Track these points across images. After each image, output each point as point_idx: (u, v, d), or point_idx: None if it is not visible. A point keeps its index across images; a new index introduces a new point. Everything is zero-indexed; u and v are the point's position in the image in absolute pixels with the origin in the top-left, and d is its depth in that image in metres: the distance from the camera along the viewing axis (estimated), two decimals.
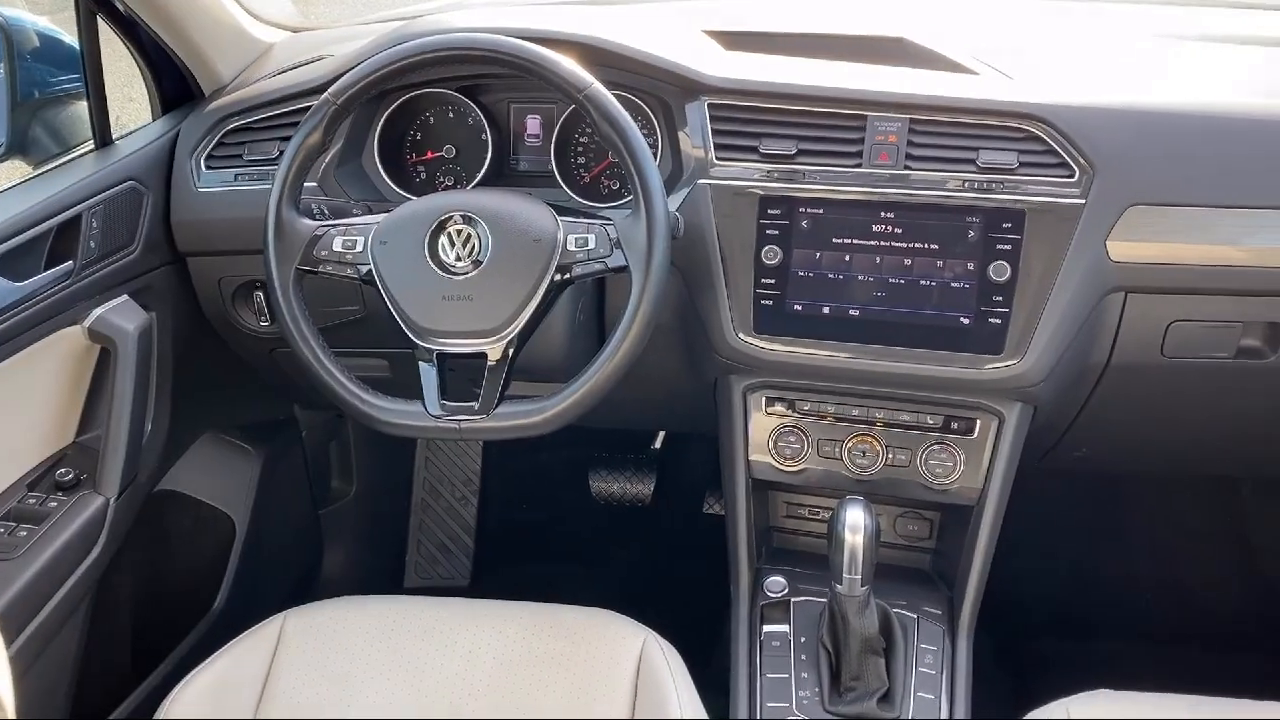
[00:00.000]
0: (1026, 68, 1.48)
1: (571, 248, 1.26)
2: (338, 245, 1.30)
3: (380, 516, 2.36)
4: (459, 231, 1.27)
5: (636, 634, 1.31)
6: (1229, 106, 1.39)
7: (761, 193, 1.39)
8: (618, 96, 1.32)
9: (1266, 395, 1.50)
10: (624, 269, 1.25)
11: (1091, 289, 1.34)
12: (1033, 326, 1.34)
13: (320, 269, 1.31)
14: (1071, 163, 1.33)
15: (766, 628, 1.46)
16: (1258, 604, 2.23)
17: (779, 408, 1.50)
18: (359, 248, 1.30)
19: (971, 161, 1.34)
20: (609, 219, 1.28)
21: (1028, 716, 1.25)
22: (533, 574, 2.28)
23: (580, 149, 1.55)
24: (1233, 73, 1.58)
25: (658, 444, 2.34)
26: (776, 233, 1.39)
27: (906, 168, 1.36)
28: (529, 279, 1.25)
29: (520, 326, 1.25)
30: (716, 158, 1.40)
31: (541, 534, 2.43)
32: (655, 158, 1.45)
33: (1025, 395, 1.40)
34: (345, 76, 1.31)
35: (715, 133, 1.41)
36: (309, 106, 1.36)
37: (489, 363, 1.26)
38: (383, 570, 2.35)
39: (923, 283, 1.37)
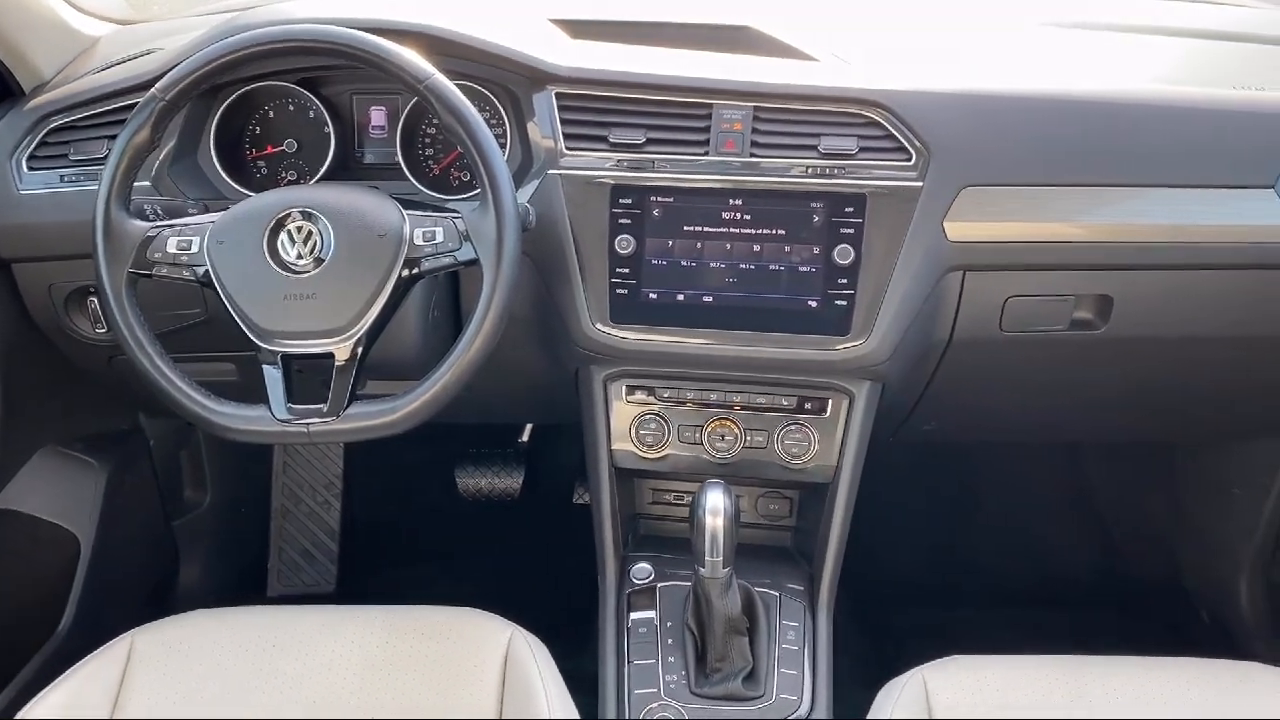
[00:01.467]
0: (866, 54, 1.52)
1: (419, 242, 1.24)
2: (172, 246, 1.25)
3: (239, 525, 2.29)
4: (299, 228, 1.23)
5: (502, 630, 1.30)
6: (1057, 90, 1.44)
7: (612, 182, 1.39)
8: (463, 87, 1.31)
9: (1100, 365, 1.58)
10: (474, 262, 1.24)
11: (931, 269, 1.39)
12: (877, 307, 1.38)
13: (154, 272, 1.26)
14: (908, 147, 1.37)
15: (633, 615, 1.47)
16: (1103, 563, 2.35)
17: (639, 395, 1.51)
18: (194, 248, 1.25)
19: (814, 148, 1.37)
20: (457, 211, 1.26)
21: (886, 686, 1.29)
22: (400, 575, 2.24)
23: (428, 140, 1.53)
24: (1085, 59, 1.65)
25: (525, 437, 2.32)
26: (629, 222, 1.39)
27: (752, 155, 1.38)
28: (375, 275, 1.22)
29: (368, 324, 1.22)
30: (566, 148, 1.40)
31: (408, 534, 2.39)
32: (504, 149, 1.45)
33: (873, 374, 1.44)
34: (174, 71, 1.26)
35: (564, 122, 1.41)
36: (137, 103, 1.30)
37: (337, 363, 1.23)
38: (244, 580, 2.28)
39: (772, 268, 1.39)
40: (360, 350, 1.23)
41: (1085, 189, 1.41)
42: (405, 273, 1.23)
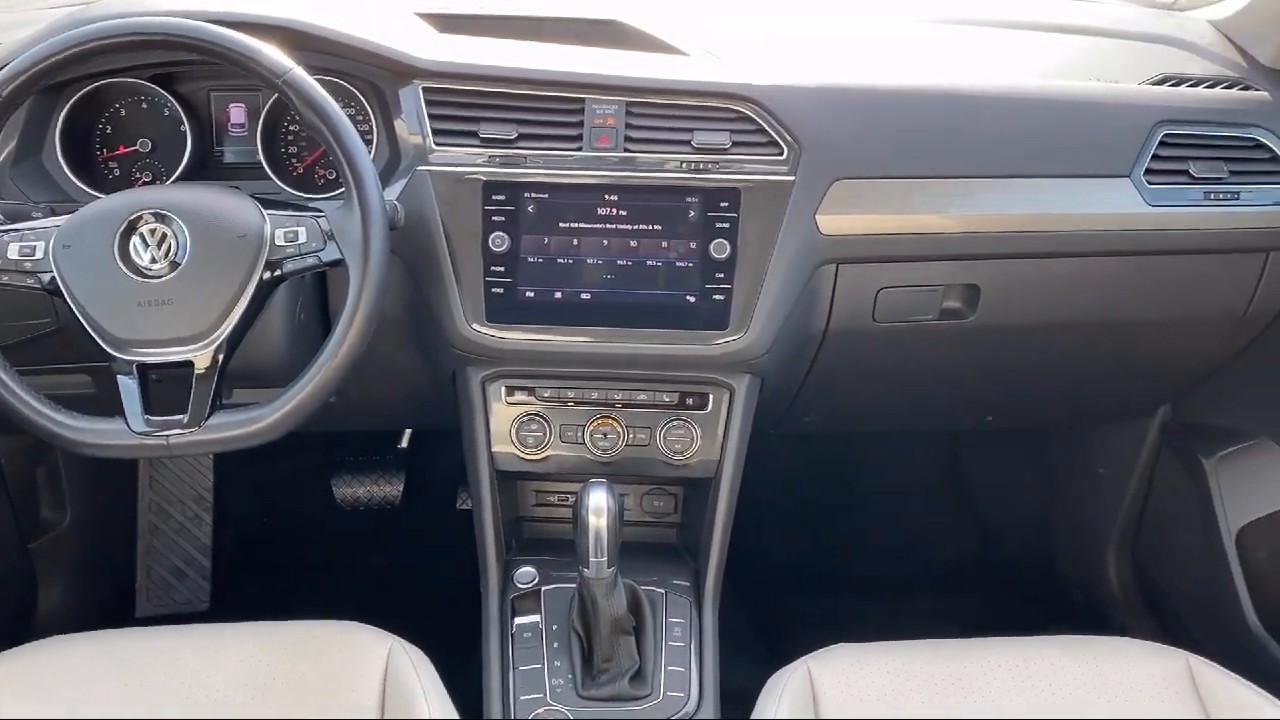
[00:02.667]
0: (736, 49, 1.53)
1: (280, 242, 1.19)
2: (13, 252, 1.18)
3: (103, 544, 2.18)
4: (152, 231, 1.17)
5: (381, 643, 1.27)
6: (925, 84, 1.47)
7: (484, 178, 1.36)
8: (326, 82, 1.26)
9: (969, 352, 1.62)
10: (339, 262, 1.20)
11: (805, 262, 1.40)
12: (754, 301, 1.38)
13: None
14: (780, 141, 1.37)
15: (518, 620, 1.44)
16: (981, 547, 2.41)
17: (519, 396, 1.49)
18: (39, 254, 1.18)
19: (687, 143, 1.37)
20: (320, 210, 1.22)
21: (772, 677, 1.29)
22: (278, 590, 2.16)
23: (290, 138, 1.48)
24: (959, 54, 1.68)
25: (404, 443, 2.27)
26: (503, 219, 1.37)
27: (626, 150, 1.37)
28: (234, 278, 1.17)
29: (229, 330, 1.17)
30: (435, 143, 1.36)
31: (285, 547, 2.31)
32: (370, 146, 1.41)
33: (752, 367, 1.45)
34: (11, 65, 1.18)
35: (432, 118, 1.37)
36: None
37: (197, 371, 1.17)
38: (111, 602, 2.17)
39: (649, 263, 1.38)
40: (221, 357, 1.18)
41: (952, 181, 1.44)
42: (267, 275, 1.18)
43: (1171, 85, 1.54)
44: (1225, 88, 1.54)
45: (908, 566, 2.34)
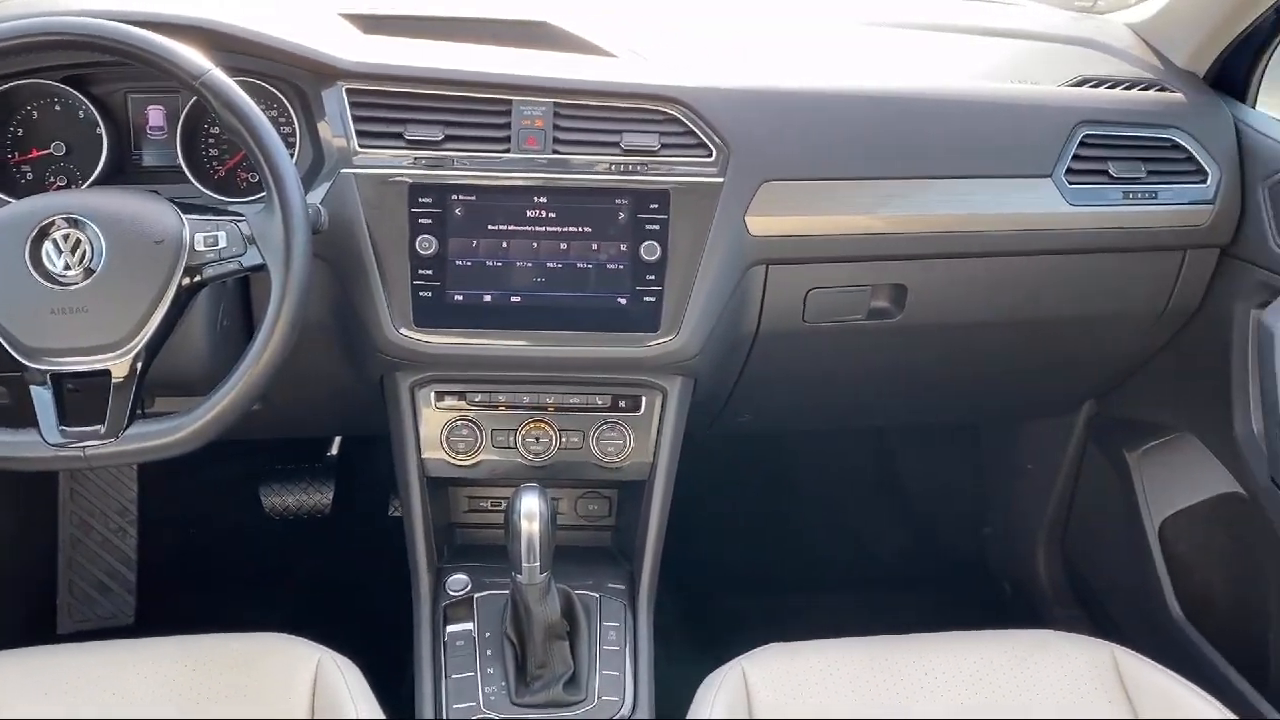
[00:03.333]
0: (665, 51, 1.53)
1: (200, 247, 1.16)
2: None
3: (21, 559, 2.11)
4: (66, 236, 1.14)
5: (310, 655, 1.24)
6: (851, 87, 1.48)
7: (410, 181, 1.34)
8: (247, 84, 1.24)
9: (898, 351, 1.64)
10: (261, 267, 1.17)
11: (736, 263, 1.40)
12: (685, 302, 1.38)
13: None
14: (708, 143, 1.37)
15: (450, 628, 1.42)
16: (914, 543, 2.44)
17: (449, 401, 1.47)
18: None
19: (616, 144, 1.36)
20: (241, 215, 1.19)
21: (707, 678, 1.29)
22: (206, 602, 2.11)
23: (211, 141, 1.44)
24: (891, 56, 1.69)
25: (334, 450, 2.24)
26: (430, 222, 1.35)
27: (555, 152, 1.36)
28: (152, 285, 1.14)
29: (147, 338, 1.14)
30: (359, 146, 1.34)
31: (212, 558, 2.26)
32: (293, 148, 1.38)
33: (684, 369, 1.44)
34: None
35: (356, 119, 1.35)
36: None
37: (114, 380, 1.14)
38: (30, 619, 2.11)
39: (580, 265, 1.37)
40: (140, 366, 1.15)
41: (879, 182, 1.46)
42: (186, 281, 1.16)
43: (1091, 87, 1.57)
44: (1142, 89, 1.57)
45: (843, 564, 2.36)
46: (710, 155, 1.37)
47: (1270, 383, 1.42)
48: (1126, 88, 1.57)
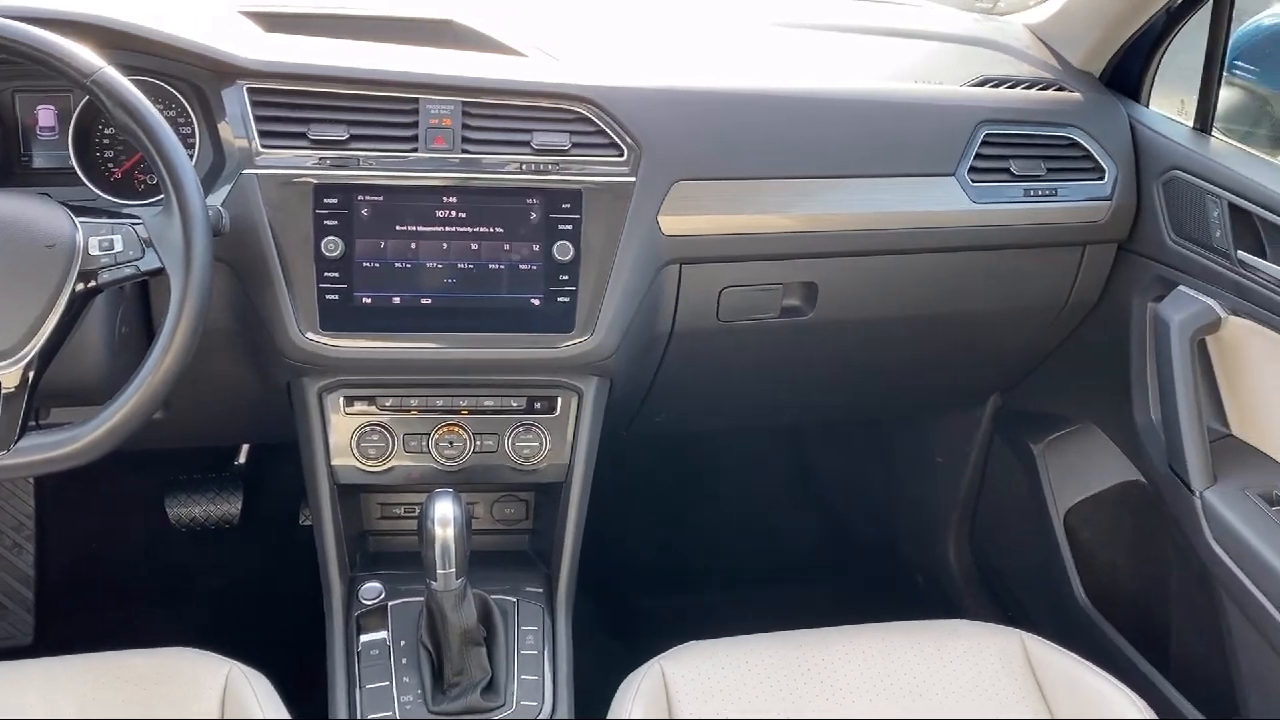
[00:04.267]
0: (575, 50, 1.52)
1: (94, 252, 1.12)
2: None
3: None
4: None
5: (218, 669, 1.21)
6: (761, 87, 1.49)
7: (315, 181, 1.31)
8: (143, 83, 1.20)
9: (810, 349, 1.65)
10: (160, 271, 1.13)
11: (649, 263, 1.40)
12: (599, 302, 1.37)
13: None
14: (620, 142, 1.37)
15: (364, 637, 1.39)
16: (830, 538, 2.47)
17: (359, 406, 1.44)
18: None
19: (526, 144, 1.35)
20: (138, 217, 1.15)
21: (626, 679, 1.29)
22: (109, 619, 2.04)
23: (106, 141, 1.39)
24: (800, 57, 1.71)
25: (242, 459, 2.18)
26: (336, 223, 1.32)
27: (464, 151, 1.34)
28: (44, 291, 1.09)
29: (40, 346, 1.10)
30: (261, 146, 1.31)
31: (116, 573, 2.19)
32: (193, 149, 1.34)
33: (600, 369, 1.44)
34: None
35: (258, 119, 1.31)
36: None
37: (4, 391, 1.09)
38: None
39: (491, 266, 1.36)
40: (32, 375, 1.10)
41: (789, 181, 1.47)
42: (80, 286, 1.11)
43: (992, 87, 1.60)
44: (1041, 89, 1.61)
45: (761, 560, 2.38)
46: (622, 155, 1.37)
47: (1167, 373, 1.46)
48: (1026, 87, 1.61)
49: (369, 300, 1.34)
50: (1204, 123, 1.53)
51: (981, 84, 1.61)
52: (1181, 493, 1.44)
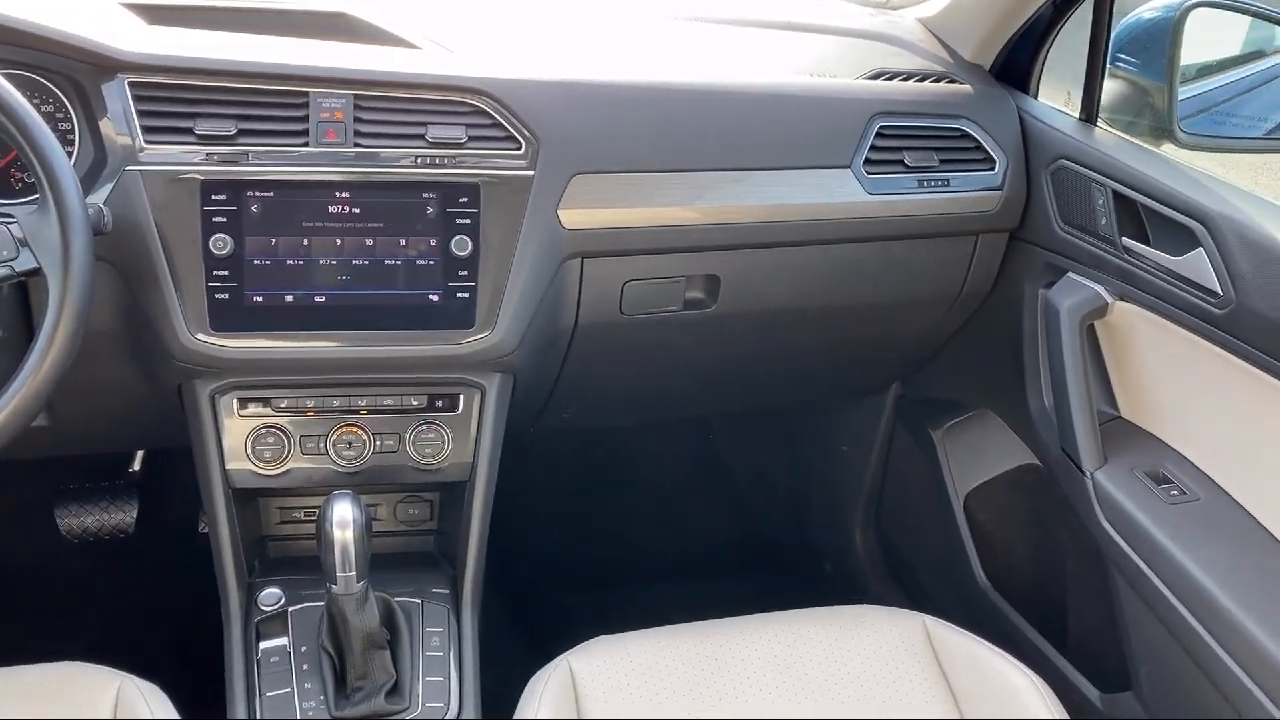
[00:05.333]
0: (470, 43, 1.50)
1: None
2: None
3: None
4: None
5: (110, 682, 1.17)
6: (661, 80, 1.49)
7: (202, 178, 1.27)
8: (17, 77, 1.17)
9: (714, 341, 1.66)
10: (36, 272, 1.09)
11: (550, 257, 1.39)
12: (500, 297, 1.36)
13: None
14: (517, 135, 1.36)
15: (263, 644, 1.36)
16: (740, 529, 2.49)
17: (254, 408, 1.40)
18: None
19: (421, 137, 1.33)
20: (11, 216, 1.11)
21: (533, 677, 1.28)
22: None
23: None
24: (698, 51, 1.71)
25: (136, 465, 2.11)
26: (224, 220, 1.29)
27: (357, 145, 1.32)
28: None
29: None
30: (145, 142, 1.27)
31: (4, 586, 2.10)
32: (72, 145, 1.29)
33: (502, 365, 1.42)
34: None
35: (141, 114, 1.27)
36: None
37: None
38: None
39: (388, 262, 1.33)
40: None
41: (688, 174, 1.47)
42: None
43: (886, 80, 1.63)
44: (933, 81, 1.64)
45: (671, 554, 2.38)
46: (520, 148, 1.36)
47: (1057, 358, 1.50)
48: (918, 80, 1.64)
49: (260, 299, 1.31)
50: (1089, 114, 1.57)
51: (875, 77, 1.63)
52: (1073, 474, 1.48)
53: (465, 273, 1.35)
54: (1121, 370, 1.53)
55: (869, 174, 1.52)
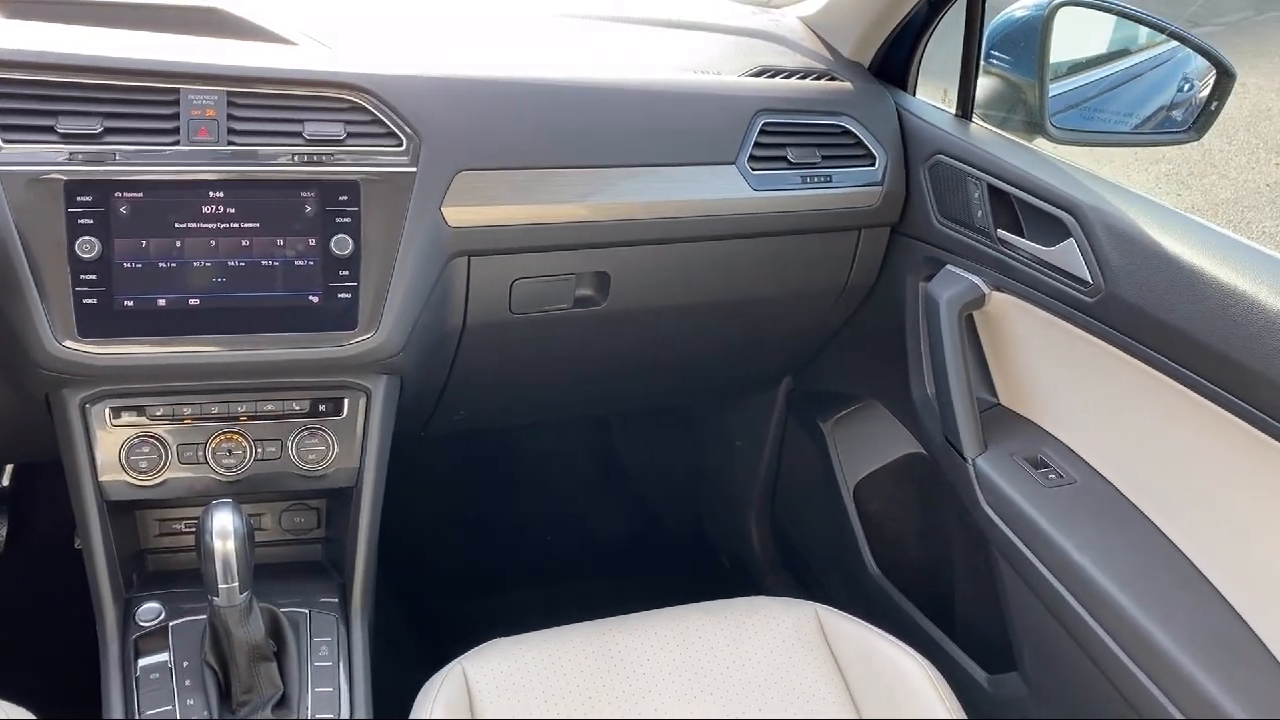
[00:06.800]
0: (348, 39, 1.47)
1: None
2: None
3: None
4: None
5: None
6: (546, 77, 1.48)
7: (65, 178, 1.22)
8: None
9: (606, 338, 1.66)
10: None
11: (435, 255, 1.37)
12: (383, 298, 1.33)
13: None
14: (399, 132, 1.33)
15: (143, 661, 1.31)
16: (638, 527, 2.49)
17: (127, 417, 1.35)
18: None
19: (299, 134, 1.30)
20: None
21: (427, 683, 1.26)
22: None
23: None
24: (583, 48, 1.70)
25: (4, 479, 2.02)
26: (91, 222, 1.23)
27: (231, 143, 1.28)
28: None
29: None
30: (3, 142, 1.21)
31: None
32: None
33: (388, 367, 1.40)
34: None
35: None
36: None
37: None
38: None
39: (265, 263, 1.30)
40: None
41: (574, 171, 1.46)
42: None
43: (768, 77, 1.65)
44: (815, 79, 1.66)
45: (570, 553, 2.38)
46: (401, 145, 1.33)
47: (938, 349, 1.54)
48: (800, 78, 1.66)
49: (131, 303, 1.26)
50: (965, 110, 1.62)
51: (758, 74, 1.65)
52: (956, 461, 1.51)
53: (346, 273, 1.32)
54: (999, 359, 1.58)
55: (754, 170, 1.54)
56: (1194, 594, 1.26)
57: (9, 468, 2.03)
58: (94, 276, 1.24)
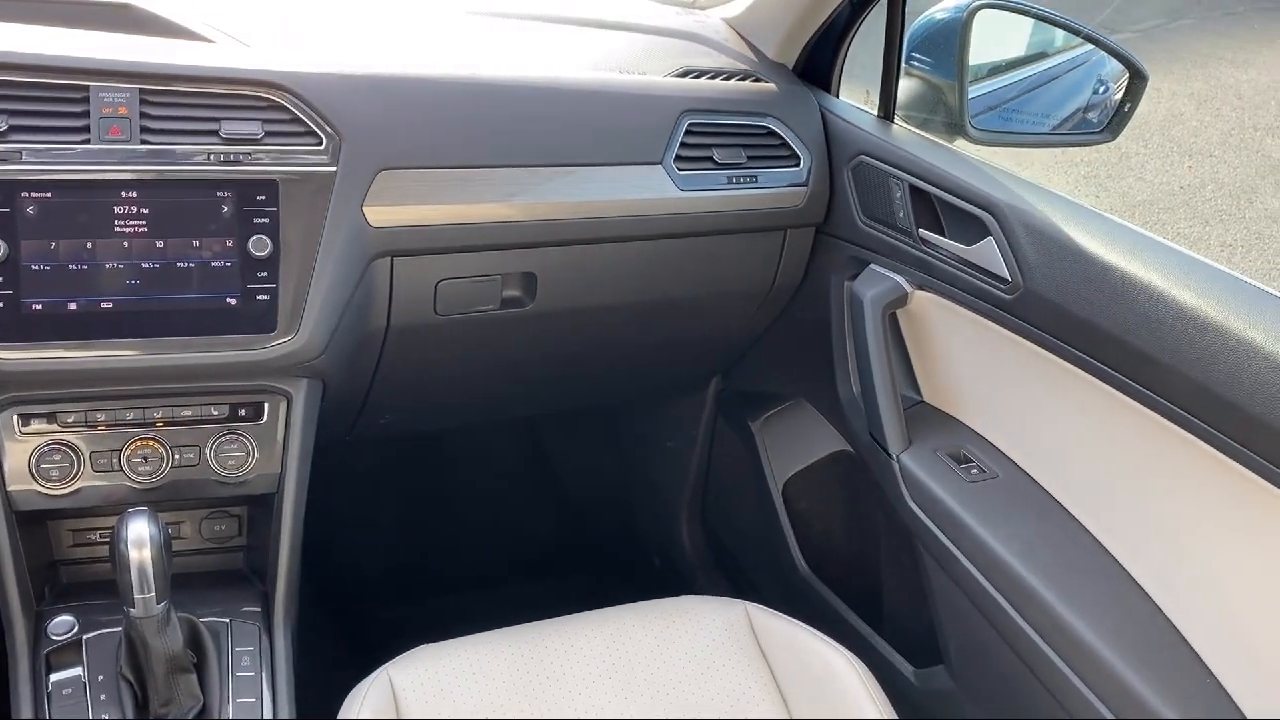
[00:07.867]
0: (266, 36, 1.45)
1: None
2: None
3: None
4: None
5: None
6: (469, 75, 1.47)
7: None
8: None
9: (534, 339, 1.65)
10: None
11: (356, 256, 1.35)
12: (303, 299, 1.31)
13: None
14: (318, 130, 1.31)
15: (55, 676, 1.27)
16: (569, 529, 2.48)
17: (37, 425, 1.30)
18: None
19: (215, 133, 1.27)
20: None
21: (351, 691, 1.24)
22: None
23: None
24: (506, 47, 1.69)
25: None
26: None
27: (144, 142, 1.25)
28: None
29: None
30: None
31: None
32: None
33: (309, 370, 1.37)
34: None
35: None
36: None
37: None
38: None
39: (180, 265, 1.27)
40: None
41: (499, 170, 1.45)
42: None
43: (694, 78, 1.65)
44: (740, 80, 1.67)
45: (500, 557, 2.36)
46: (320, 143, 1.31)
47: (863, 347, 1.55)
48: (725, 78, 1.66)
49: (40, 307, 1.22)
50: (887, 111, 1.64)
51: (683, 75, 1.65)
52: (881, 458, 1.53)
53: (265, 274, 1.29)
54: (922, 356, 1.60)
55: (680, 170, 1.54)
56: (1115, 587, 1.28)
57: None
58: (0, 280, 1.20)
